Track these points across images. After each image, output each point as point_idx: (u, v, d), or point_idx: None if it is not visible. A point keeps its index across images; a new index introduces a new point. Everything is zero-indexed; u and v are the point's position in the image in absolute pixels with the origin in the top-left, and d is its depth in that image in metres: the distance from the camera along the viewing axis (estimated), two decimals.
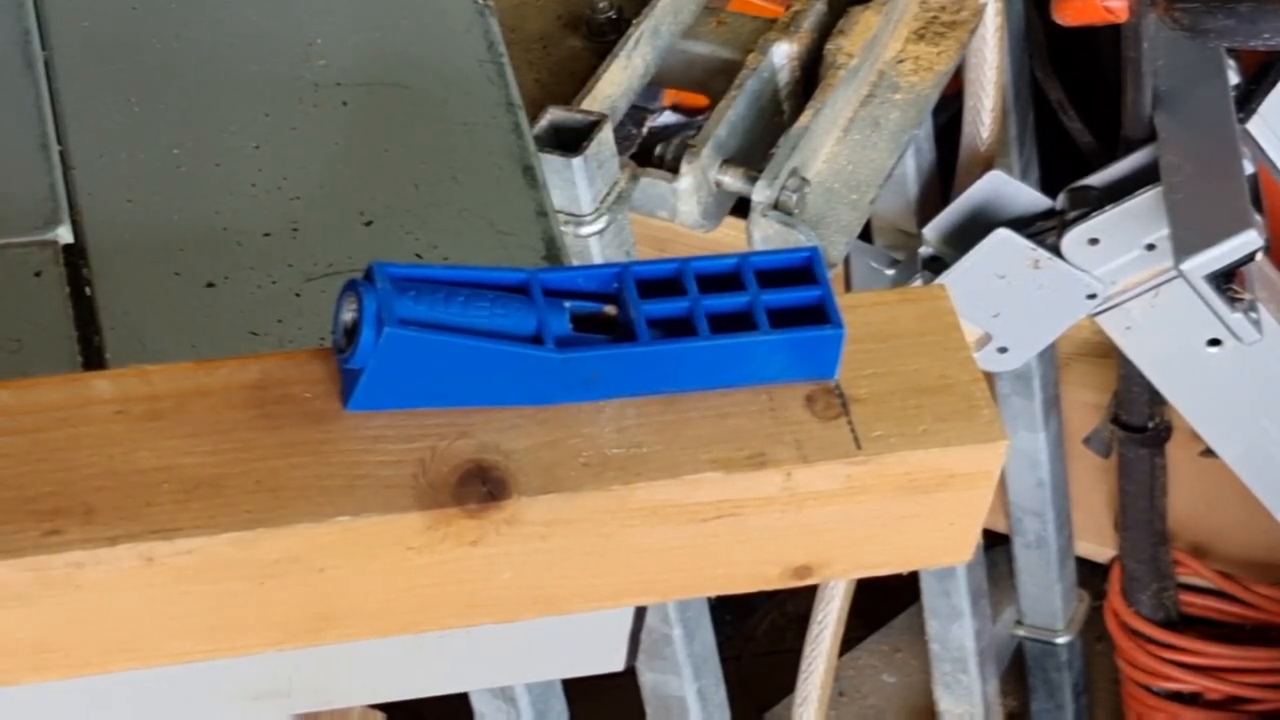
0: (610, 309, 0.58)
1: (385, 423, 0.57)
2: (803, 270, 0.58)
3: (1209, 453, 1.42)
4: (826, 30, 1.09)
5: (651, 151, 1.04)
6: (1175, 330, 1.28)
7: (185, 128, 0.73)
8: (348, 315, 0.56)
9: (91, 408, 0.57)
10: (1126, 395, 1.53)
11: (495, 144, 0.74)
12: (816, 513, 0.58)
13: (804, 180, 1.02)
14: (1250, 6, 1.10)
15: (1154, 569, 1.70)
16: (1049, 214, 1.25)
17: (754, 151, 1.04)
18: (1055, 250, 1.23)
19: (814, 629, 1.44)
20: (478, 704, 1.19)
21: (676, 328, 0.57)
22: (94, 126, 0.72)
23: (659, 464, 0.57)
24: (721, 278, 0.58)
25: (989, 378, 1.51)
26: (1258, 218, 1.13)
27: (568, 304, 0.57)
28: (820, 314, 0.57)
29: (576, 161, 0.91)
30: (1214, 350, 1.29)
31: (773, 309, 0.57)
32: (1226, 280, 1.16)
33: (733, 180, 1.01)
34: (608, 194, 0.94)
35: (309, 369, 0.58)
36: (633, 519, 0.57)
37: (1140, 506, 1.63)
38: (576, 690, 1.16)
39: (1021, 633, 1.78)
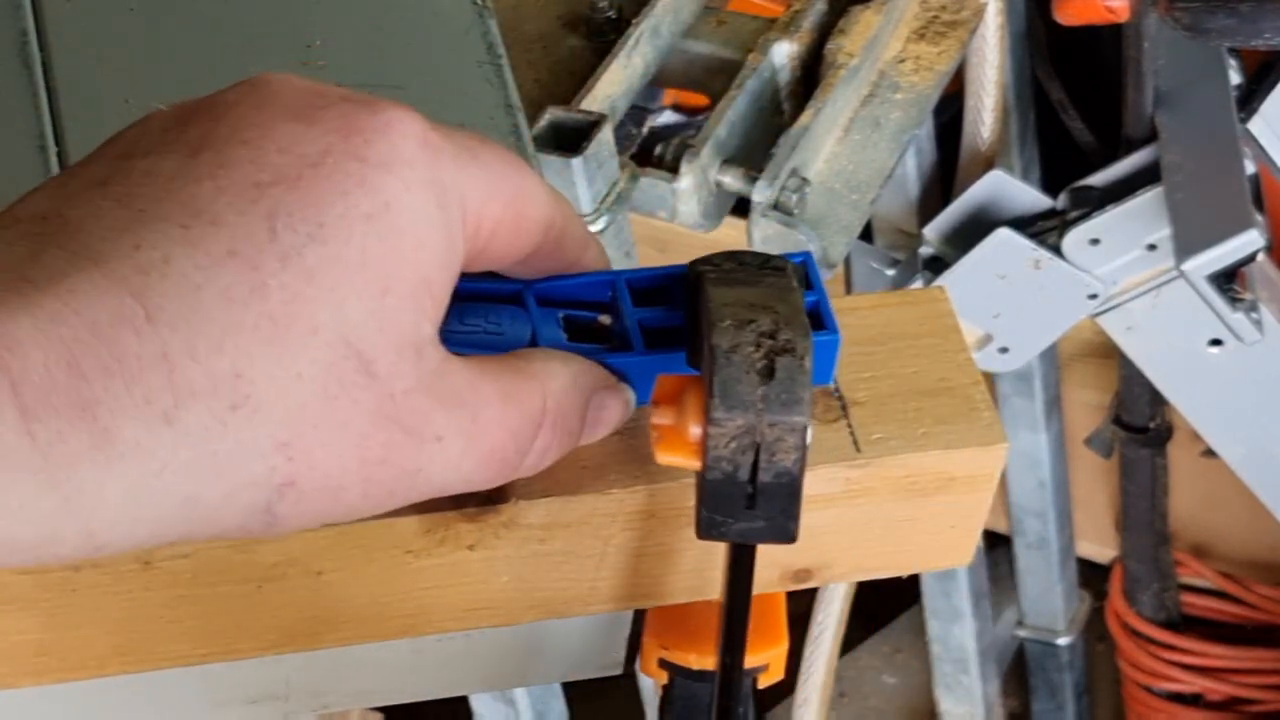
0: (605, 318, 0.57)
1: None
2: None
3: (1210, 453, 1.42)
4: (827, 30, 1.09)
5: (651, 151, 1.04)
6: (1176, 330, 1.28)
7: None
8: None
9: None
10: (1128, 396, 1.53)
11: None
12: (816, 516, 0.58)
13: (804, 180, 1.02)
14: (1251, 6, 1.10)
15: (1155, 569, 1.70)
16: (1050, 214, 1.25)
17: (754, 151, 1.03)
18: (1056, 250, 1.23)
19: (814, 630, 1.44)
20: (477, 705, 1.19)
21: (672, 336, 0.55)
22: (92, 128, 0.72)
23: (660, 467, 0.56)
24: None
25: (990, 378, 1.51)
26: (1259, 218, 1.13)
27: (561, 313, 0.56)
28: (816, 320, 0.54)
29: (576, 162, 0.90)
30: (1215, 350, 1.29)
31: None
32: (1228, 280, 1.16)
33: (733, 180, 1.01)
34: (607, 194, 0.93)
35: None
36: (632, 522, 0.57)
37: (1141, 507, 1.63)
38: (576, 691, 1.16)
39: (1023, 633, 1.78)
